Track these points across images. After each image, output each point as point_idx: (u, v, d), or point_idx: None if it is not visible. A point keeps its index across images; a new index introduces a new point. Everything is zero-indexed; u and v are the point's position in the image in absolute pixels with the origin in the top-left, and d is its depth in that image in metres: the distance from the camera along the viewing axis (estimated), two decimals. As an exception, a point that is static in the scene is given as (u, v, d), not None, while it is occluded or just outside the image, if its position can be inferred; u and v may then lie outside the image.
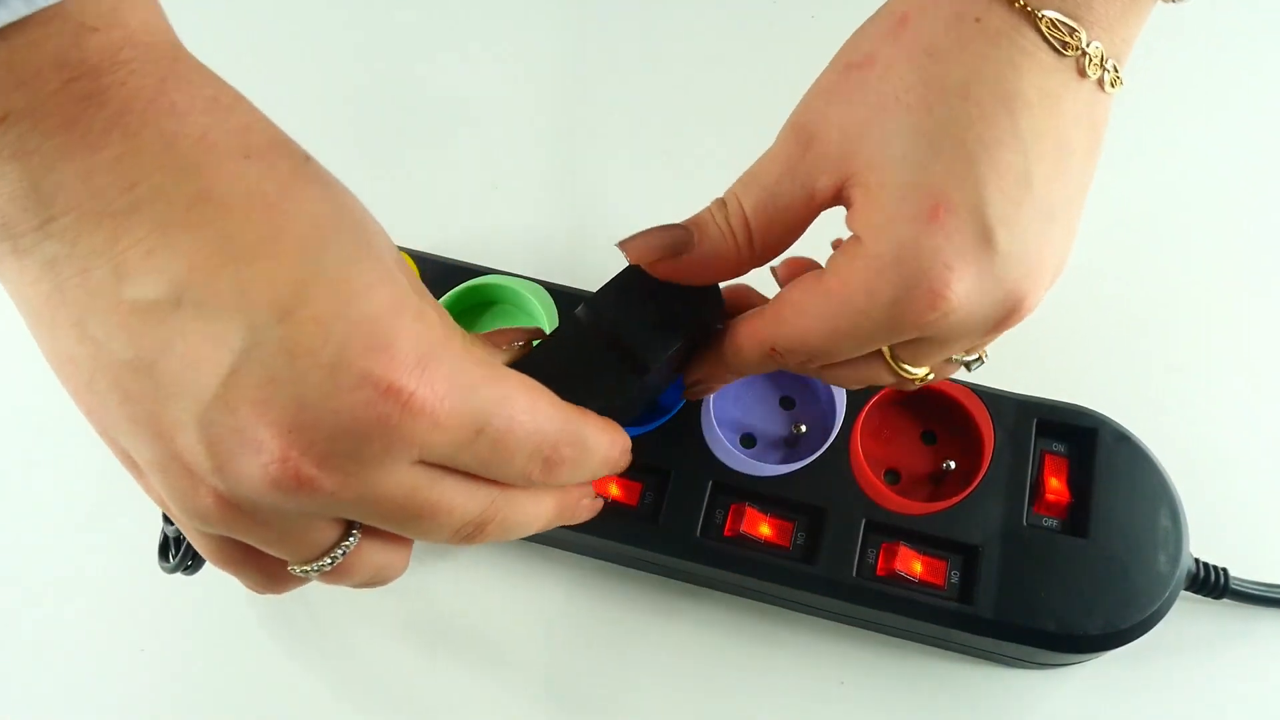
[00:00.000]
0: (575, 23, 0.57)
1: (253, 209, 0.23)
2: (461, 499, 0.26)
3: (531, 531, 0.29)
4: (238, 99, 0.25)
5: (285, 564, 0.27)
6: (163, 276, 0.22)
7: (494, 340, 0.29)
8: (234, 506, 0.24)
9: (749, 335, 0.29)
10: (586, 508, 0.32)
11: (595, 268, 0.37)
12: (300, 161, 0.25)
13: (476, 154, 0.53)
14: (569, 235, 0.50)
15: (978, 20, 0.25)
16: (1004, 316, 0.27)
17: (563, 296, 0.42)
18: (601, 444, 0.28)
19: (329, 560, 0.26)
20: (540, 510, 0.29)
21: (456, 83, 0.55)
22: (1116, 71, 0.26)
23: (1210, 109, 0.53)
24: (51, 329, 0.23)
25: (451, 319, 0.27)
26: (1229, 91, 0.54)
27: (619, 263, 0.30)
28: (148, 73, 0.23)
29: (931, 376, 0.30)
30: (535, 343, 0.31)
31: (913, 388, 0.30)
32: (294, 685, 0.41)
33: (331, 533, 0.26)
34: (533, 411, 0.26)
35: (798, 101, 0.28)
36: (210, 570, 0.42)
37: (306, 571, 0.27)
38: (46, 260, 0.22)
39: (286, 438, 0.23)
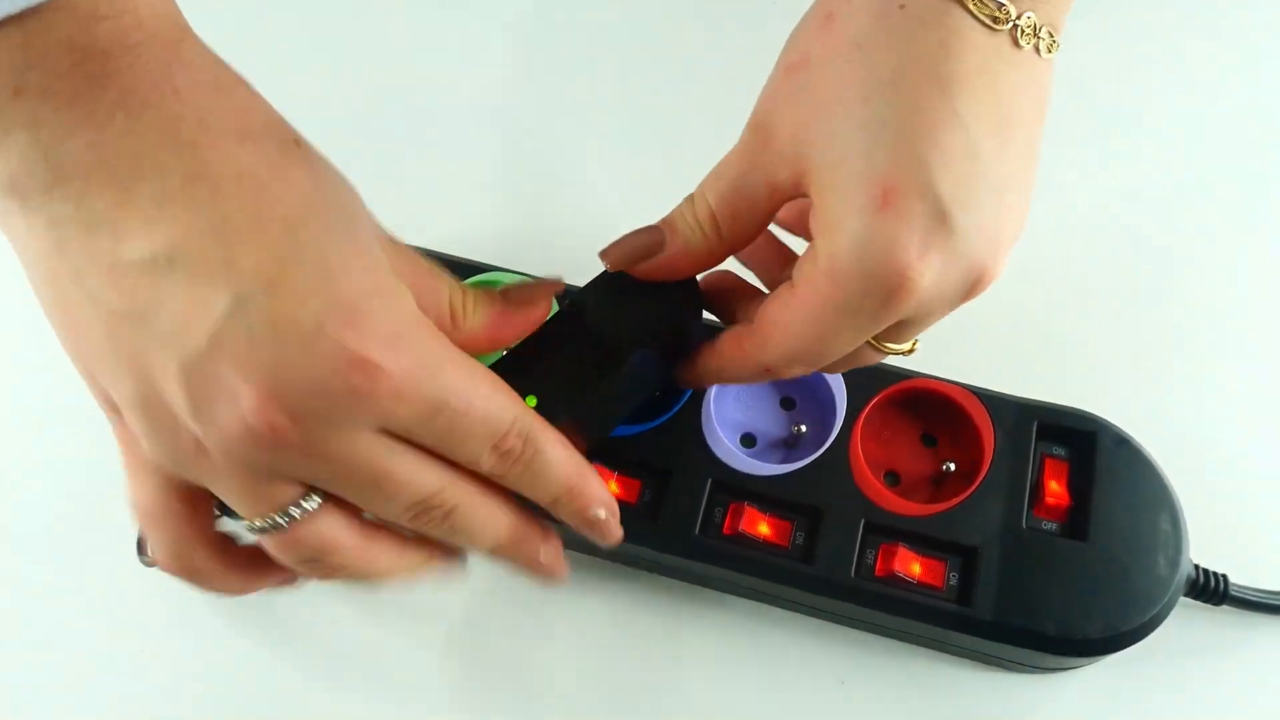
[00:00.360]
0: (577, 22, 0.57)
1: (244, 189, 0.25)
2: (417, 473, 0.27)
3: (482, 542, 0.29)
4: (237, 82, 0.26)
5: (202, 532, 0.29)
6: (158, 242, 0.24)
7: (508, 297, 0.30)
8: (204, 450, 0.25)
9: (740, 360, 0.30)
10: (549, 564, 0.31)
11: (599, 266, 0.37)
12: (291, 144, 0.26)
13: (480, 152, 0.53)
14: (573, 233, 0.50)
15: (902, 7, 0.26)
16: (969, 288, 0.28)
17: (564, 294, 0.42)
18: (557, 454, 0.29)
19: (284, 519, 0.27)
20: (492, 518, 0.29)
21: (462, 81, 0.55)
22: (1052, 38, 0.27)
23: (1214, 110, 0.53)
24: (52, 280, 0.25)
25: (440, 295, 0.29)
26: (1232, 92, 0.54)
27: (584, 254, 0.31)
28: (154, 56, 0.24)
29: (917, 347, 0.31)
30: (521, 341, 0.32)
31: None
32: (294, 683, 0.41)
33: (291, 491, 0.27)
34: (490, 400, 0.27)
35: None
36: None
37: (257, 528, 0.27)
38: (52, 219, 0.24)
39: (263, 392, 0.24)
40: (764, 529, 0.38)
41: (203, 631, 0.42)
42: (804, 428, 0.40)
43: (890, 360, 0.33)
